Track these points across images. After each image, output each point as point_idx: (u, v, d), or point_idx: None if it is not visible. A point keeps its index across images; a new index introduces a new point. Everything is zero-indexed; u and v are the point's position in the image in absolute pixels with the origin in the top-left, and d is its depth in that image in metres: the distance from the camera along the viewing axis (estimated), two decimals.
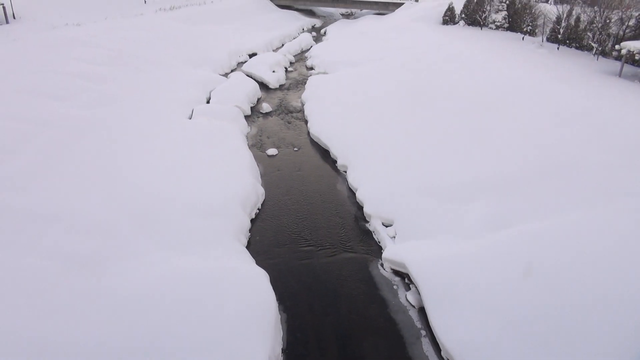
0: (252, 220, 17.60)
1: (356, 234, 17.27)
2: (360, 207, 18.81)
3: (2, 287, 11.51)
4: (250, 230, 16.99)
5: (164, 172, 18.91)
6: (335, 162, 23.24)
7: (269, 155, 24.08)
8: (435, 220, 16.38)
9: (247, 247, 15.97)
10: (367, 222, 17.94)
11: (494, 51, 39.27)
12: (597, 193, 15.74)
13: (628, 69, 33.30)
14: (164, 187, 17.68)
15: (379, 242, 16.66)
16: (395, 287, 14.45)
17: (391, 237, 16.46)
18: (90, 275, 12.56)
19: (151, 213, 15.92)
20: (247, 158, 21.80)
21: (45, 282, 11.92)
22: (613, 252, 12.05)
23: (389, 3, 75.96)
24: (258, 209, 18.58)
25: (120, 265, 13.20)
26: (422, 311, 13.18)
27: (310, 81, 36.93)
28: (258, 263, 14.66)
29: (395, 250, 15.24)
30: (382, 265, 15.44)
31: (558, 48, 41.54)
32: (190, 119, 26.78)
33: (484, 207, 16.53)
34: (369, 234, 17.33)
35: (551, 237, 13.15)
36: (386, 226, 17.18)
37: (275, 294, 13.00)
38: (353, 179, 20.53)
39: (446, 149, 21.28)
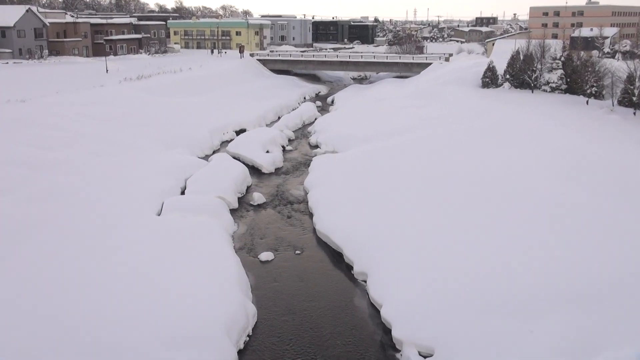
0: (240, 351, 17.15)
1: None
2: (387, 330, 18.38)
3: None
4: None
5: (124, 288, 18.79)
6: (350, 268, 23.12)
7: (262, 261, 24.06)
8: (494, 346, 15.83)
9: None
10: (398, 350, 17.40)
11: (552, 119, 40.61)
12: None
13: None
14: (124, 309, 17.45)
15: None
16: None
17: None
18: None
19: (105, 344, 15.59)
20: (233, 266, 21.76)
21: None
22: None
23: (412, 64, 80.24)
24: (248, 335, 18.21)
25: None
26: None
27: (315, 163, 37.92)
28: None
29: None
30: None
31: (634, 113, 42.88)
32: (159, 215, 27.23)
33: (562, 325, 16.11)
34: None
35: None
36: (424, 357, 16.65)
37: None
38: (376, 292, 20.28)
39: (496, 246, 21.21)
